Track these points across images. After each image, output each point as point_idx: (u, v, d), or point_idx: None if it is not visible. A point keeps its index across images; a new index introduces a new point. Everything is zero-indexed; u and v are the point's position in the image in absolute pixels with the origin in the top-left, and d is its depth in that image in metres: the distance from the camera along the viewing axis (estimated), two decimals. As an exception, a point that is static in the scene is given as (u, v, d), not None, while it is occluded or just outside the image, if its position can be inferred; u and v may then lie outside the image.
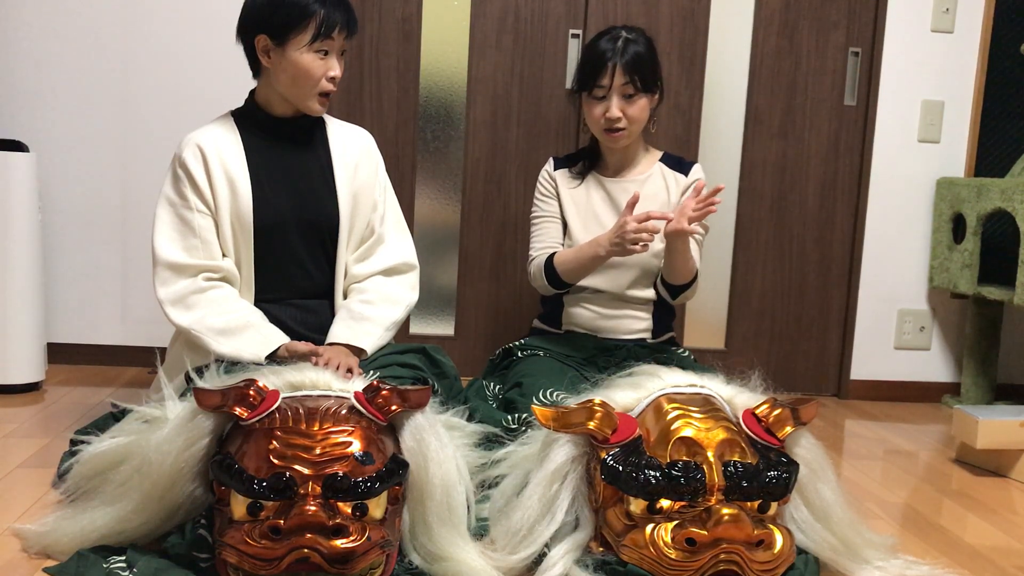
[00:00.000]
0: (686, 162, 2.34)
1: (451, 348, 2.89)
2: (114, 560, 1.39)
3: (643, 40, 2.23)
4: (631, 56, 2.18)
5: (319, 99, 1.98)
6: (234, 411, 1.37)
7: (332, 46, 1.95)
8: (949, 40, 2.94)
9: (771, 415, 1.49)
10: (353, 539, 1.27)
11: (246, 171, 1.97)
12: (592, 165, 2.36)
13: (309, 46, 1.92)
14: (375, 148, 2.16)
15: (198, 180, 1.94)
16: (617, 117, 2.20)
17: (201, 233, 1.93)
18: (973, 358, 2.92)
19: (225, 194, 1.95)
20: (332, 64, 1.95)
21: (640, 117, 2.23)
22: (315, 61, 1.93)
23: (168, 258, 1.92)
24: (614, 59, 2.18)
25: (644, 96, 2.21)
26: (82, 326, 2.83)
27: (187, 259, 1.92)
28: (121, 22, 2.73)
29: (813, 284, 3.04)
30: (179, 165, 1.96)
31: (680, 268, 2.16)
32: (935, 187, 2.99)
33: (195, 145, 1.97)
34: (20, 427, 2.17)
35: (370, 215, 2.10)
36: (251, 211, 1.95)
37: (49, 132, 2.74)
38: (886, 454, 2.40)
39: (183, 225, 1.94)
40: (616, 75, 2.18)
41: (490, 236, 2.93)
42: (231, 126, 2.02)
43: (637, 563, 1.38)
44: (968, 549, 1.73)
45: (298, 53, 1.92)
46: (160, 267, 1.93)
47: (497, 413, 2.01)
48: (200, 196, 1.94)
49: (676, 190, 2.30)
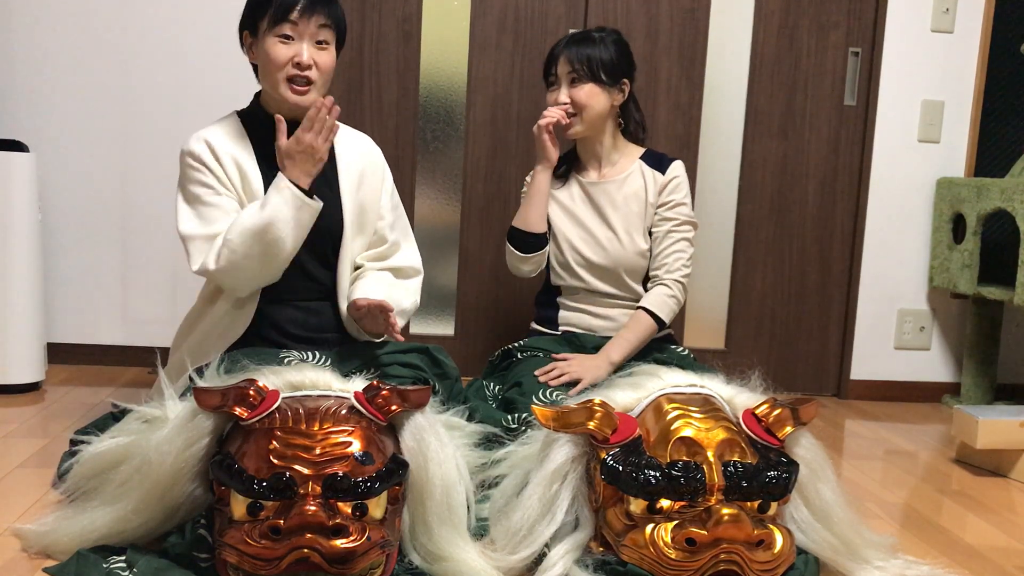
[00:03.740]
0: (666, 159, 2.32)
1: (451, 348, 2.88)
2: (114, 560, 1.39)
3: (610, 38, 2.25)
4: (579, 45, 2.22)
5: (289, 87, 1.92)
6: (234, 411, 1.37)
7: (297, 31, 1.90)
8: (949, 40, 2.94)
9: (771, 415, 1.49)
10: (353, 539, 1.26)
11: (257, 169, 1.96)
12: (572, 167, 2.37)
13: (270, 30, 1.90)
14: (381, 157, 2.15)
15: (212, 167, 1.92)
16: (564, 103, 2.22)
17: (228, 208, 1.91)
18: (973, 358, 2.92)
19: (239, 185, 1.94)
20: (298, 49, 1.90)
21: (588, 103, 2.22)
22: (277, 45, 1.90)
23: (197, 232, 1.89)
24: (559, 48, 2.24)
25: (594, 84, 2.21)
26: (82, 326, 2.83)
27: (215, 229, 1.88)
28: (121, 22, 2.73)
29: (813, 284, 3.04)
30: (190, 157, 1.93)
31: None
32: (935, 187, 2.99)
33: (203, 139, 1.95)
34: (20, 427, 2.18)
35: (376, 223, 2.09)
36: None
37: (49, 132, 2.74)
38: (886, 454, 2.40)
39: (208, 208, 1.90)
40: (560, 63, 2.23)
41: (490, 236, 2.93)
42: (238, 127, 2.01)
43: (637, 563, 1.38)
44: (968, 549, 1.73)
45: (264, 39, 1.92)
46: (190, 243, 1.89)
47: (497, 413, 2.01)
48: (218, 179, 1.92)
49: (654, 189, 2.29)
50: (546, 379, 2.11)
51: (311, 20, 1.90)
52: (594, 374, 2.12)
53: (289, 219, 1.84)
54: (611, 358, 2.17)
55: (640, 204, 2.28)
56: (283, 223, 1.83)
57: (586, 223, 2.29)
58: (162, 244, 2.81)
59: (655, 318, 2.22)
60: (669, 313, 2.24)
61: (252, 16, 1.95)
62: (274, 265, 1.89)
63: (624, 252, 2.26)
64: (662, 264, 2.27)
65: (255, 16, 1.94)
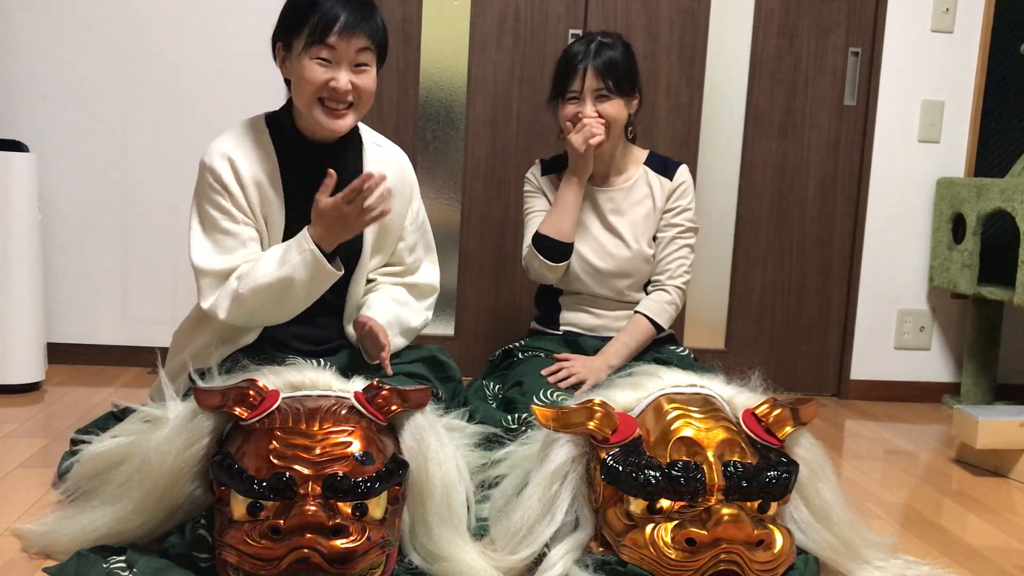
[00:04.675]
0: (671, 163, 2.31)
1: (451, 348, 2.88)
2: (114, 560, 1.39)
3: (620, 45, 2.21)
4: (604, 59, 2.16)
5: (324, 110, 1.79)
6: (234, 411, 1.37)
7: (336, 55, 1.76)
8: (949, 40, 2.94)
9: (771, 415, 1.49)
10: (353, 539, 1.27)
11: (282, 197, 1.84)
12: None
13: (307, 50, 1.75)
14: (412, 174, 2.04)
15: (233, 192, 1.79)
16: (596, 118, 2.16)
17: (244, 236, 1.80)
18: (973, 358, 2.92)
19: (260, 211, 1.83)
20: (336, 74, 1.76)
21: (617, 118, 2.19)
22: (313, 66, 1.76)
23: (209, 268, 1.78)
24: (585, 62, 2.16)
25: (618, 98, 2.19)
26: (82, 326, 2.83)
27: (228, 265, 1.78)
28: (121, 22, 2.73)
29: (813, 284, 3.04)
30: (210, 175, 1.79)
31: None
32: (935, 187, 2.99)
33: (226, 157, 1.80)
34: (20, 427, 2.17)
35: (396, 244, 2.01)
36: (282, 232, 1.85)
37: (49, 132, 2.74)
38: (886, 454, 2.40)
39: (223, 236, 1.79)
40: (588, 78, 2.16)
41: (490, 236, 2.93)
42: (265, 141, 1.86)
43: (637, 563, 1.38)
44: (968, 549, 1.73)
45: (299, 59, 1.78)
46: (201, 278, 1.79)
47: (497, 413, 2.01)
48: (237, 206, 1.80)
49: (661, 195, 2.28)
50: (555, 380, 2.11)
51: (351, 43, 1.75)
52: (596, 376, 2.13)
53: (305, 282, 1.75)
54: (610, 362, 2.17)
55: (647, 210, 2.28)
56: (299, 285, 1.75)
57: (592, 231, 2.28)
58: (162, 244, 2.81)
59: (653, 324, 2.23)
60: (667, 319, 2.25)
61: (285, 31, 1.80)
62: (286, 315, 1.83)
63: (632, 259, 2.25)
64: (664, 269, 2.27)
65: (289, 32, 1.79)
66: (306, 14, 1.76)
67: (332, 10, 1.75)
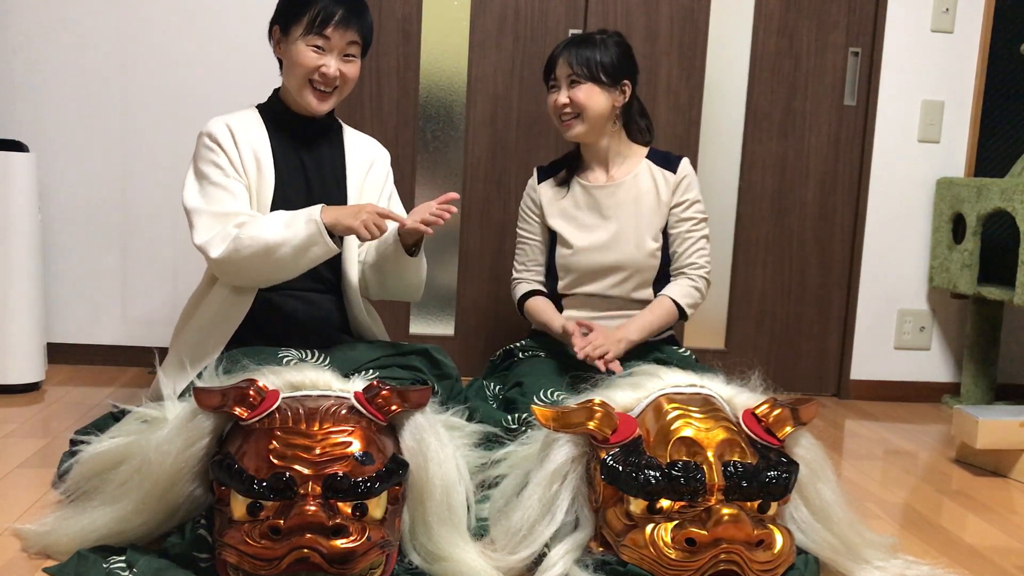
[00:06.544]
0: (673, 157, 2.32)
1: (451, 348, 2.89)
2: (114, 560, 1.39)
3: (611, 40, 2.24)
4: (577, 47, 2.22)
5: (312, 92, 1.99)
6: (234, 411, 1.37)
7: (329, 44, 1.96)
8: (949, 40, 2.94)
9: (771, 415, 1.49)
10: (353, 539, 1.27)
11: (271, 158, 2.01)
12: (575, 171, 2.35)
13: (304, 37, 1.95)
14: (387, 160, 2.21)
15: (228, 150, 1.96)
16: (563, 103, 2.22)
17: (235, 191, 1.94)
18: (973, 358, 2.92)
19: (253, 173, 1.98)
20: (327, 60, 1.97)
21: (588, 103, 2.20)
22: (307, 52, 1.96)
23: (204, 207, 1.91)
24: (558, 50, 2.25)
25: (592, 85, 2.20)
26: (82, 326, 2.83)
27: (222, 208, 1.91)
28: (121, 22, 2.73)
29: (813, 284, 3.04)
30: (208, 137, 1.97)
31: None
32: (935, 187, 2.99)
33: (224, 123, 2.00)
34: (20, 427, 2.18)
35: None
36: (271, 198, 1.98)
37: (49, 132, 2.74)
38: (886, 454, 2.40)
39: (215, 188, 1.93)
40: (560, 65, 2.23)
41: (490, 236, 2.93)
42: (257, 119, 2.06)
43: (637, 563, 1.38)
44: (968, 549, 1.73)
45: (295, 43, 1.96)
46: (195, 216, 1.91)
47: (497, 413, 2.01)
48: (232, 163, 1.96)
49: (666, 188, 2.28)
50: (594, 353, 2.07)
51: (343, 36, 1.97)
52: (616, 348, 2.12)
53: (303, 248, 1.85)
54: (629, 337, 2.16)
55: (651, 204, 2.27)
56: (298, 250, 1.85)
57: (592, 228, 2.28)
58: (162, 244, 2.81)
59: (677, 306, 2.23)
60: (691, 304, 2.25)
61: (285, 17, 2.00)
62: (268, 280, 1.93)
63: (634, 254, 2.25)
64: (687, 263, 2.27)
65: (288, 18, 1.99)
66: (307, 5, 1.95)
67: (331, 6, 1.95)
